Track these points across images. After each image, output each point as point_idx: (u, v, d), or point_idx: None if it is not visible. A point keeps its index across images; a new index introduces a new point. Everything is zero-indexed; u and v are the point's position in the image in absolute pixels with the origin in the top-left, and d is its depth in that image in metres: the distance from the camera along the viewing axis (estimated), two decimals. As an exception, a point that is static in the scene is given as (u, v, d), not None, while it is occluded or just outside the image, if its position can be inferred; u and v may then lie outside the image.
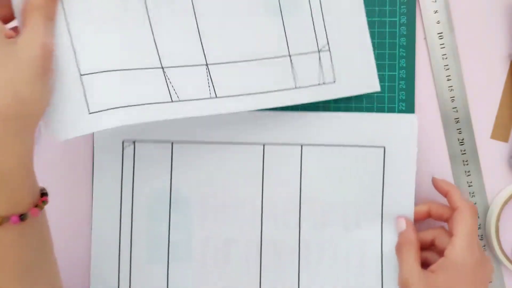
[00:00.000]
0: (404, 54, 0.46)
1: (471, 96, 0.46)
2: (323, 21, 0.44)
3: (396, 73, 0.46)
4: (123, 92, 0.37)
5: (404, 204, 0.44)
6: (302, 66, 0.43)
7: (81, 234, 0.46)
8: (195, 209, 0.45)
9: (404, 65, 0.46)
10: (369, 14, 0.46)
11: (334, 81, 0.44)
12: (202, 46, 0.40)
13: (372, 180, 0.45)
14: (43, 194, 0.36)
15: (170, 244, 0.45)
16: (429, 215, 0.44)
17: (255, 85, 0.41)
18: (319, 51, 0.44)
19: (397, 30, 0.46)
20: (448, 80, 0.46)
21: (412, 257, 0.41)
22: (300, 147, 0.45)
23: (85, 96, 0.36)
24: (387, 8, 0.46)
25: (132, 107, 0.37)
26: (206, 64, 0.40)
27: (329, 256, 0.45)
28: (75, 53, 0.36)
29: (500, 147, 0.47)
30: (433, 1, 0.46)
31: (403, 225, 0.43)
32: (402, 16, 0.46)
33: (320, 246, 0.45)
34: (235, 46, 0.41)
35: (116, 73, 0.37)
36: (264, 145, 0.45)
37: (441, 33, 0.46)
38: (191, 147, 0.45)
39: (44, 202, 0.35)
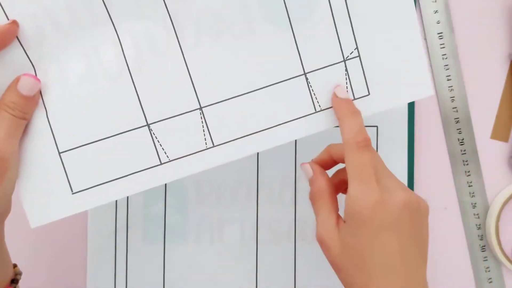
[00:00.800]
0: (404, 54, 0.46)
1: (471, 96, 0.46)
2: (350, 19, 0.35)
3: (396, 73, 0.46)
4: (107, 164, 0.34)
5: None
6: (322, 83, 0.35)
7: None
8: (191, 189, 0.46)
9: (404, 65, 0.46)
10: (369, 14, 0.46)
11: (369, 94, 0.36)
12: (194, 86, 0.34)
13: None
14: (13, 280, 0.35)
15: (166, 225, 0.46)
16: (333, 161, 0.37)
17: (262, 121, 0.35)
18: (344, 60, 0.35)
19: (397, 30, 0.46)
20: (448, 80, 0.46)
21: (326, 209, 0.34)
22: None
23: (66, 175, 0.34)
24: (387, 8, 0.46)
25: (118, 180, 0.34)
26: (200, 108, 0.34)
27: None
28: (52, 129, 0.34)
29: (500, 147, 0.47)
30: (433, 1, 0.46)
31: (309, 171, 0.36)
32: (402, 16, 0.46)
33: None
34: (233, 78, 0.34)
35: (98, 145, 0.34)
36: None
37: (441, 33, 0.46)
38: None
39: None
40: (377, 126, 0.46)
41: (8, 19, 0.32)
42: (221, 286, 0.46)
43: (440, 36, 0.46)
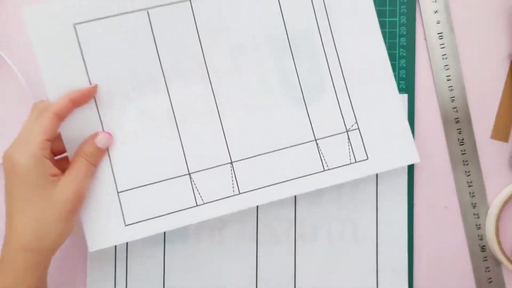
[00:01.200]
0: (404, 54, 0.46)
1: (471, 96, 0.46)
2: (350, 101, 0.44)
3: (396, 73, 0.46)
4: (154, 204, 0.42)
5: (398, 181, 0.46)
6: (329, 148, 0.44)
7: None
8: None
9: (404, 65, 0.46)
10: (369, 14, 0.46)
11: (367, 158, 0.44)
12: (227, 146, 0.43)
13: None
14: None
15: None
16: None
17: (280, 175, 0.43)
18: (347, 131, 0.44)
19: (397, 30, 0.46)
20: (448, 80, 0.46)
21: None
22: None
23: (121, 210, 0.42)
24: (387, 8, 0.46)
25: (162, 216, 0.42)
26: (231, 162, 0.43)
27: (324, 234, 0.46)
28: (113, 173, 0.42)
29: (500, 147, 0.47)
30: (433, 1, 0.46)
31: None
32: (402, 16, 0.46)
33: (315, 224, 0.46)
34: (259, 140, 0.43)
35: (148, 187, 0.42)
36: None
37: (441, 33, 0.46)
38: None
39: None
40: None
41: (90, 83, 0.42)
42: (221, 286, 0.46)
43: (440, 36, 0.46)
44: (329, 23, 0.44)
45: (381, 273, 0.45)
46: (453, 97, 0.46)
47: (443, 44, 0.46)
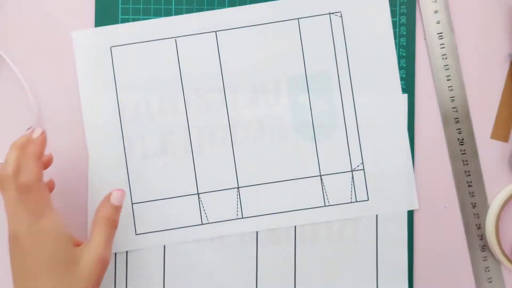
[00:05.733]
0: (404, 54, 0.46)
1: (471, 96, 0.46)
2: (359, 141, 0.45)
3: (396, 73, 0.46)
4: (164, 218, 0.45)
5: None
6: (333, 184, 0.45)
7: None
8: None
9: (404, 65, 0.46)
10: (369, 14, 0.46)
11: (368, 199, 0.45)
12: (236, 171, 0.45)
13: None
14: None
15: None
16: None
17: (282, 205, 0.45)
18: (352, 171, 0.45)
19: (397, 30, 0.46)
20: (448, 80, 0.46)
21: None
22: None
23: (134, 220, 0.45)
24: (387, 8, 0.46)
25: (169, 230, 0.45)
26: (238, 187, 0.45)
27: (324, 234, 0.46)
28: (130, 186, 0.45)
29: (500, 147, 0.47)
30: (433, 1, 0.46)
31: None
32: (402, 16, 0.46)
33: (315, 224, 0.46)
34: (266, 169, 0.45)
35: (160, 202, 0.45)
36: None
37: (441, 33, 0.46)
38: None
39: None
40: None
41: (118, 101, 0.45)
42: (221, 286, 0.46)
43: (440, 36, 0.46)
44: (348, 65, 0.46)
45: (381, 273, 0.45)
46: (453, 97, 0.46)
47: (443, 44, 0.46)
